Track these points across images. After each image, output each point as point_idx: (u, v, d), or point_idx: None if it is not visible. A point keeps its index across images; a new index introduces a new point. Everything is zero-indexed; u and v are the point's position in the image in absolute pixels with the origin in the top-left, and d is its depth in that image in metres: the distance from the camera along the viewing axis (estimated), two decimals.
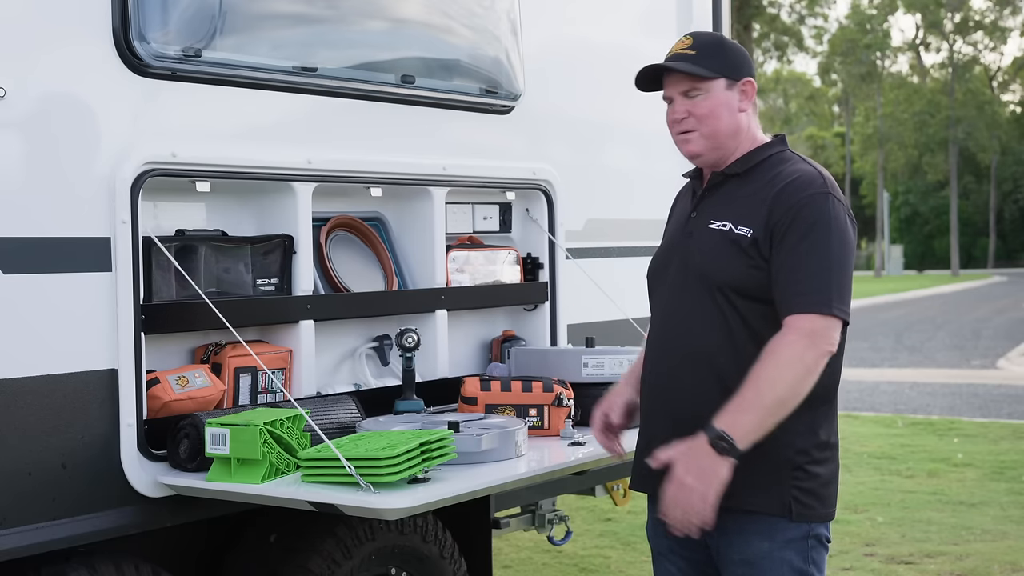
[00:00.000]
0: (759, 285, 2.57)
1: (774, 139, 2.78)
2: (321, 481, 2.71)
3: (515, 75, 3.88)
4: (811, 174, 2.64)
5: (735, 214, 2.64)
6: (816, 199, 2.58)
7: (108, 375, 2.79)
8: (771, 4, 39.43)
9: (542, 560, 6.00)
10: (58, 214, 2.72)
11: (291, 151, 3.22)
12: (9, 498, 2.63)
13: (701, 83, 2.68)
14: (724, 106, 2.69)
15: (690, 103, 2.70)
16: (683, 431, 2.60)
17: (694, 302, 2.65)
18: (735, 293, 2.59)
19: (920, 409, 11.31)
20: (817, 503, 2.60)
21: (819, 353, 2.50)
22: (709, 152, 2.72)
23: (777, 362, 2.48)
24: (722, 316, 2.60)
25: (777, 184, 2.62)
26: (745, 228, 2.60)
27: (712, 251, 2.64)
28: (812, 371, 2.49)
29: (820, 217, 2.56)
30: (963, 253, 52.94)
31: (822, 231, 2.55)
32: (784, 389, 2.47)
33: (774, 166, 2.69)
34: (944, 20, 53.27)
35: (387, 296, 3.58)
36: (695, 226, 2.72)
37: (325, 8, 3.42)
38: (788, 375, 2.48)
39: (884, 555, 5.93)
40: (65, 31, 2.78)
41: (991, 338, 18.88)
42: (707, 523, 2.47)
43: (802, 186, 2.60)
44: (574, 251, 4.06)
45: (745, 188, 2.68)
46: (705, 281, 2.63)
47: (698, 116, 2.70)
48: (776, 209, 2.58)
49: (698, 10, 4.71)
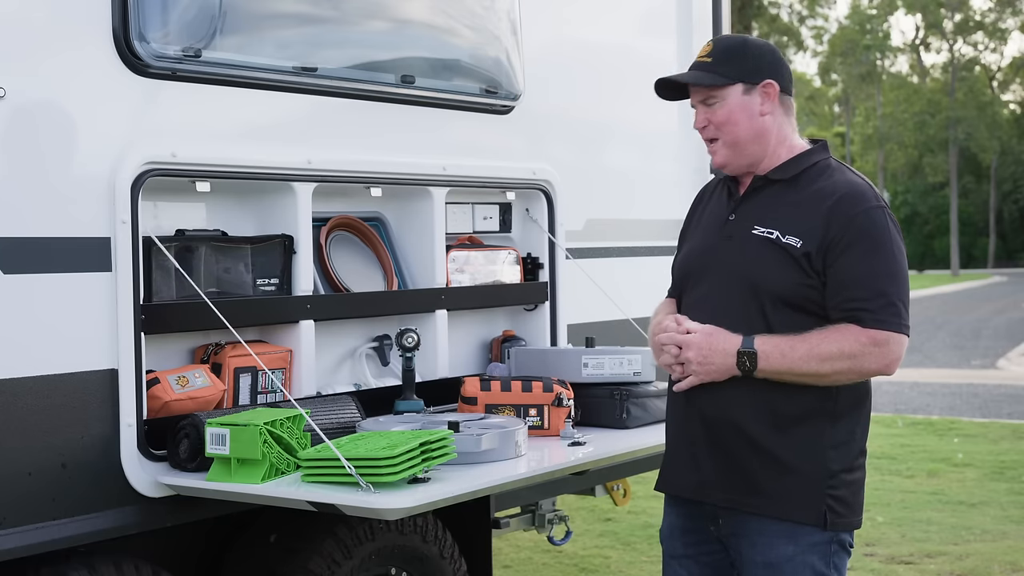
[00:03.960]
0: (806, 297, 2.56)
1: (816, 145, 2.73)
2: (321, 481, 2.71)
3: (515, 75, 3.88)
4: (862, 187, 2.62)
5: (782, 223, 2.60)
6: (873, 213, 2.57)
7: (108, 375, 2.79)
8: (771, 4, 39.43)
9: (542, 560, 6.00)
10: (58, 214, 2.72)
11: (291, 151, 3.22)
12: (9, 498, 2.63)
13: (716, 91, 2.66)
14: (742, 111, 2.65)
15: (709, 111, 2.68)
16: (714, 434, 2.62)
17: (734, 307, 2.62)
18: (781, 302, 2.57)
19: (920, 409, 11.31)
20: (848, 511, 2.60)
21: (878, 367, 2.53)
22: (734, 160, 2.69)
23: (841, 350, 2.50)
24: (764, 322, 2.58)
25: (829, 197, 2.59)
26: (795, 239, 2.57)
27: (759, 259, 2.60)
28: (857, 371, 2.53)
29: (880, 232, 2.55)
30: (963, 253, 52.89)
31: (883, 247, 2.54)
32: (827, 370, 2.50)
33: (820, 175, 2.65)
34: (944, 20, 53.25)
35: (387, 296, 3.58)
36: (736, 230, 2.68)
37: (325, 8, 3.42)
38: (839, 366, 2.50)
39: (884, 555, 5.93)
40: (65, 31, 2.78)
41: (991, 338, 18.88)
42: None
43: (856, 200, 2.58)
44: (574, 251, 4.06)
45: (790, 196, 2.64)
46: (752, 288, 2.60)
47: (716, 124, 2.68)
48: (833, 224, 2.55)
49: (698, 10, 4.71)
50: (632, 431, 3.54)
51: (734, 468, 2.62)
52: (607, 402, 3.58)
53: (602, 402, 3.59)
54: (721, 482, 2.64)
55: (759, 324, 2.58)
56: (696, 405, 2.68)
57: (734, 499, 2.62)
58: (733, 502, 2.63)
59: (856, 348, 2.50)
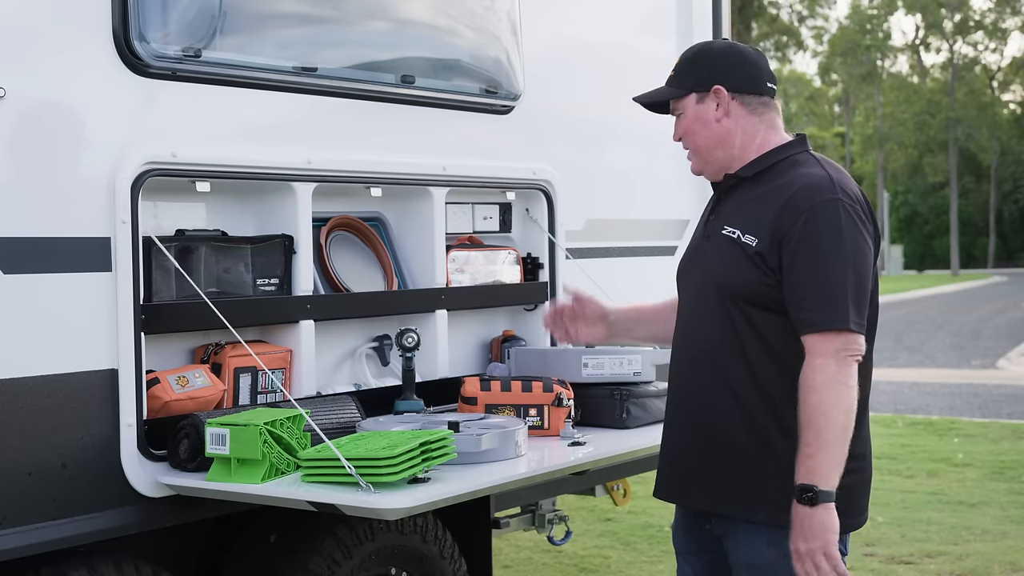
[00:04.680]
0: (767, 296, 2.54)
1: (793, 140, 2.71)
2: (321, 481, 2.71)
3: (515, 75, 3.88)
4: (819, 179, 2.57)
5: (743, 221, 2.60)
6: (822, 207, 2.51)
7: (108, 375, 2.79)
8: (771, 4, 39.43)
9: (542, 560, 6.00)
10: (58, 214, 2.72)
11: (291, 151, 3.22)
12: (9, 498, 2.63)
13: (677, 103, 2.72)
14: (697, 121, 2.69)
15: (679, 123, 2.74)
16: (703, 438, 2.61)
17: (707, 308, 2.63)
18: (744, 302, 2.56)
19: (920, 409, 11.31)
20: (839, 515, 2.52)
21: (849, 366, 2.47)
22: (704, 167, 2.73)
23: (819, 391, 2.45)
24: (731, 323, 2.57)
25: (784, 193, 2.57)
26: (751, 237, 2.56)
27: (723, 258, 2.61)
28: (850, 385, 2.47)
29: (828, 227, 2.50)
30: (963, 253, 52.91)
31: (832, 242, 2.49)
32: (837, 414, 2.44)
33: (785, 171, 2.63)
34: (944, 20, 53.25)
35: (387, 296, 3.58)
36: (712, 230, 2.69)
37: (325, 8, 3.42)
38: (834, 400, 2.44)
39: (884, 555, 5.93)
40: (65, 31, 2.78)
41: (991, 338, 18.88)
42: (842, 571, 2.46)
43: (808, 194, 2.54)
44: (574, 251, 4.06)
45: (753, 193, 2.64)
46: (718, 288, 2.61)
47: (682, 134, 2.74)
48: (783, 221, 2.53)
49: (698, 10, 4.71)
50: (632, 431, 3.55)
51: (719, 474, 2.61)
52: (607, 402, 3.58)
53: (602, 402, 3.59)
54: (707, 488, 2.64)
55: (727, 324, 2.58)
56: (683, 412, 2.69)
57: (719, 503, 2.62)
58: (718, 506, 2.63)
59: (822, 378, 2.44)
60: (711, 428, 2.59)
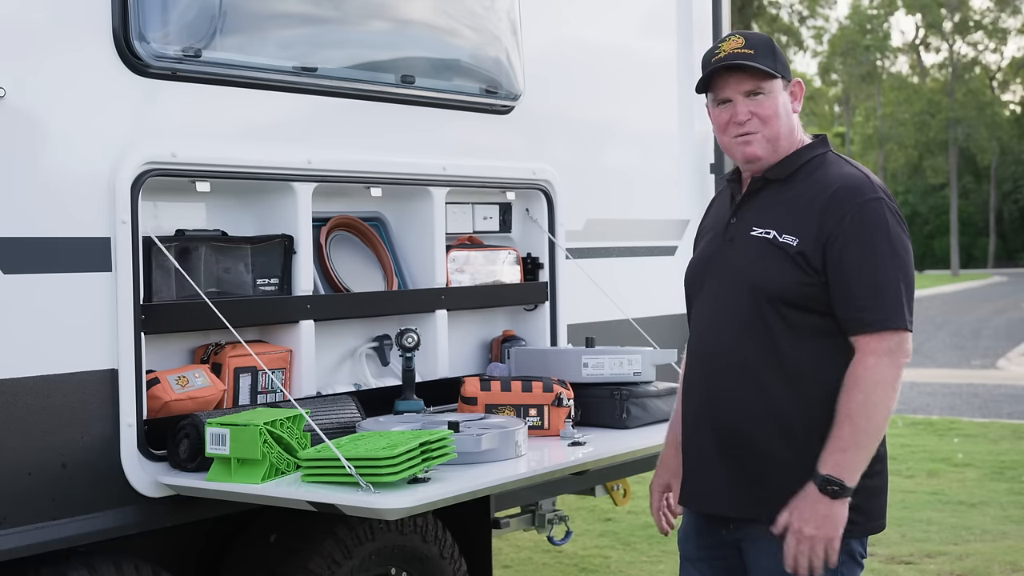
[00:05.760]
0: (808, 296, 2.51)
1: (815, 140, 2.69)
2: (321, 481, 2.71)
3: (515, 75, 3.88)
4: (858, 179, 2.56)
5: (778, 221, 2.57)
6: (868, 206, 2.51)
7: (108, 375, 2.79)
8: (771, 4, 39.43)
9: (542, 560, 6.00)
10: (58, 214, 2.72)
11: (291, 151, 3.22)
12: (9, 498, 2.63)
13: (765, 83, 2.60)
14: (783, 107, 2.63)
15: (754, 104, 2.61)
16: (727, 444, 2.59)
17: (737, 311, 2.58)
18: (782, 303, 2.53)
19: (920, 409, 11.31)
20: (861, 518, 2.54)
21: (900, 367, 2.48)
22: (769, 155, 2.63)
23: (866, 390, 2.44)
24: (765, 325, 2.54)
25: (823, 192, 2.54)
26: (790, 237, 2.53)
27: (758, 260, 2.56)
28: (896, 387, 2.48)
29: (875, 226, 2.49)
30: (963, 253, 52.89)
31: (880, 241, 2.48)
32: (879, 415, 2.46)
33: (816, 170, 2.61)
34: (944, 20, 53.24)
35: (387, 296, 3.58)
36: (736, 232, 2.64)
37: (325, 8, 3.42)
38: (879, 400, 2.45)
39: (884, 555, 5.93)
40: (65, 31, 2.78)
41: (991, 338, 18.88)
42: (834, 564, 2.46)
43: (851, 194, 2.52)
44: (574, 251, 4.06)
45: (786, 193, 2.60)
46: (752, 290, 2.56)
47: (762, 117, 2.61)
48: (827, 220, 2.50)
49: (698, 11, 4.71)
50: (632, 431, 3.55)
51: (743, 478, 2.58)
52: (607, 402, 3.58)
53: (602, 402, 3.59)
54: (731, 492, 2.61)
55: (759, 326, 2.54)
56: (705, 415, 2.65)
57: (743, 508, 2.60)
58: (742, 511, 2.60)
59: (873, 378, 2.45)
60: (741, 434, 2.56)
